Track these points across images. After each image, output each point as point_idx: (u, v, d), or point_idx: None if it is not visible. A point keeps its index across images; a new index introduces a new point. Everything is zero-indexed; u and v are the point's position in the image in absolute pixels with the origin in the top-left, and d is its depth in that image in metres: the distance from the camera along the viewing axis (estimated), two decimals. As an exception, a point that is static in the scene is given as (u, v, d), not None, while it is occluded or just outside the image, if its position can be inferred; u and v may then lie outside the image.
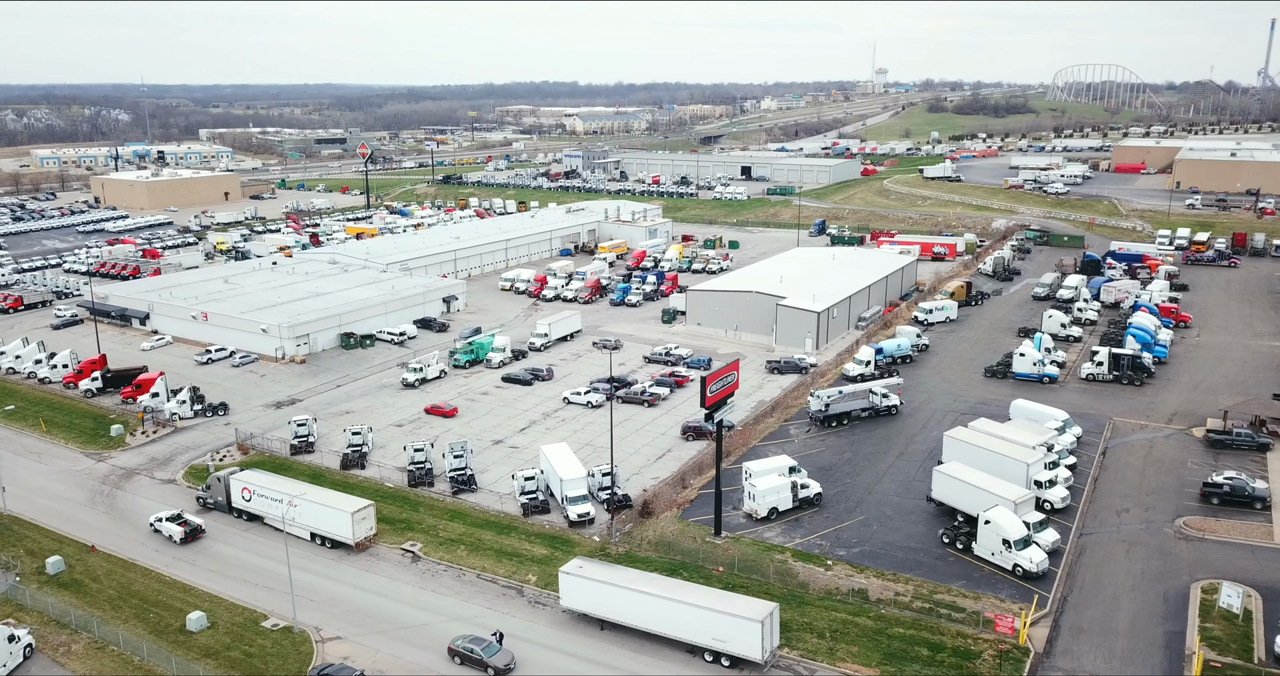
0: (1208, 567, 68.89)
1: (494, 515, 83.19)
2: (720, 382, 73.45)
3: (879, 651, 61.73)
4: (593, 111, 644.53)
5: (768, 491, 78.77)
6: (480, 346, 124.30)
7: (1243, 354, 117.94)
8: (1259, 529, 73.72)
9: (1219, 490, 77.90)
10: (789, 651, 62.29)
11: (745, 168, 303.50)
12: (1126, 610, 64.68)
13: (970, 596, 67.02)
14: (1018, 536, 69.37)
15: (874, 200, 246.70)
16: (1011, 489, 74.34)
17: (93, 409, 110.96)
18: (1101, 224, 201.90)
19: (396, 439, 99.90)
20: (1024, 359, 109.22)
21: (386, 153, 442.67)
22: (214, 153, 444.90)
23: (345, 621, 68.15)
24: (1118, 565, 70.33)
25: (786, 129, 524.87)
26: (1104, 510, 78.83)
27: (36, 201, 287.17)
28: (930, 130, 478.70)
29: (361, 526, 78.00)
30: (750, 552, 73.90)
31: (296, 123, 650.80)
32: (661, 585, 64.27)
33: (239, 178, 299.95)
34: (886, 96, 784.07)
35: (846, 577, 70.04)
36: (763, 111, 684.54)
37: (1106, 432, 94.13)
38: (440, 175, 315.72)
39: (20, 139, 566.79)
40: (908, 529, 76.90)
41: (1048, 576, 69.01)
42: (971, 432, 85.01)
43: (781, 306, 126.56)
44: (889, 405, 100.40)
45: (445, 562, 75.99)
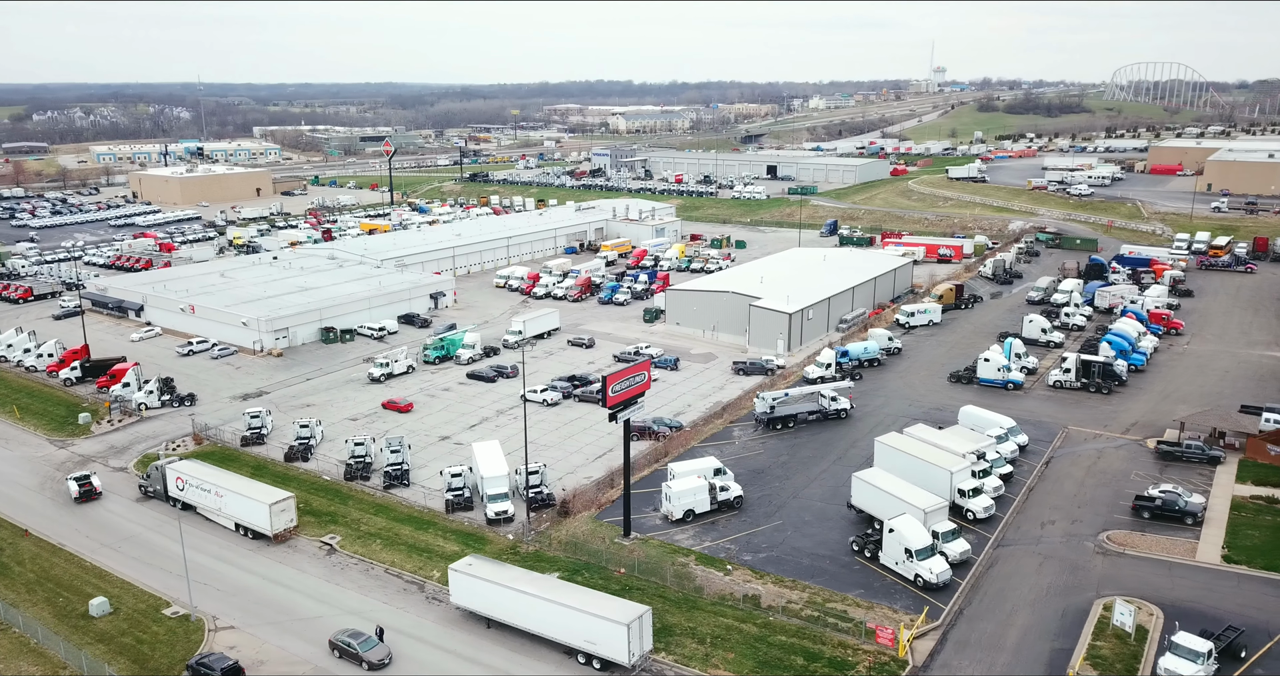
0: (1118, 584, 66.35)
1: (419, 510, 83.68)
2: (626, 382, 72.78)
3: (754, 659, 60.67)
4: (640, 110, 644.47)
5: (683, 493, 77.96)
6: (451, 343, 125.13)
7: (1228, 363, 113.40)
8: (1183, 545, 70.76)
9: (1150, 504, 74.98)
10: (665, 655, 61.55)
11: (771, 167, 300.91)
12: (1020, 625, 62.61)
13: (864, 606, 65.54)
14: (920, 546, 67.62)
15: (895, 201, 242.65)
16: (924, 497, 72.47)
17: (68, 397, 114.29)
18: (1121, 227, 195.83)
19: (349, 432, 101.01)
20: (988, 364, 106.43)
21: (427, 150, 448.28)
22: (262, 149, 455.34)
23: (244, 611, 69.10)
24: (1025, 578, 68.12)
25: (830, 128, 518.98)
26: (1029, 521, 76.42)
27: (80, 196, 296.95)
28: (978, 130, 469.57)
29: (280, 518, 79.02)
30: (655, 555, 73.21)
31: (349, 121, 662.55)
32: (542, 586, 63.98)
33: (270, 174, 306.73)
34: (938, 95, 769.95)
35: (743, 583, 68.97)
36: (809, 110, 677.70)
37: (1057, 442, 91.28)
38: (468, 173, 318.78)
39: (86, 136, 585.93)
40: (822, 535, 75.47)
41: (951, 587, 67.19)
42: (902, 439, 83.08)
43: (754, 307, 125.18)
44: (838, 409, 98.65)
45: (358, 556, 76.66)
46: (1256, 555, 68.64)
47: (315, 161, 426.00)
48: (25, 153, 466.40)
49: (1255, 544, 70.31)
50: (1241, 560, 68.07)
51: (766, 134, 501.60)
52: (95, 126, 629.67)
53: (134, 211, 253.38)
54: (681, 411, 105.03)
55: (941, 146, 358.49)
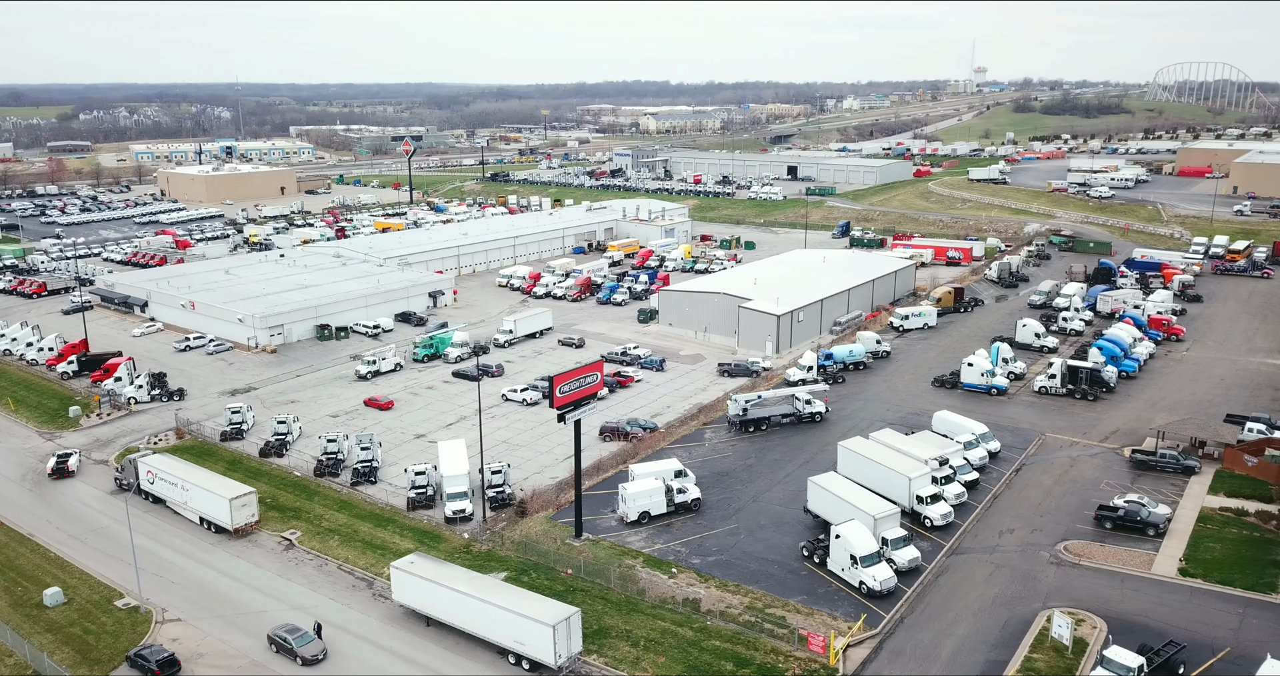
0: (1066, 595, 64.84)
1: (381, 507, 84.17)
2: (575, 383, 72.59)
3: (684, 663, 60.17)
4: (671, 110, 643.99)
5: (638, 495, 77.59)
6: (440, 341, 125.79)
7: (1225, 370, 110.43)
8: (1140, 557, 68.96)
9: (1113, 514, 73.21)
10: (597, 658, 61.27)
11: (792, 167, 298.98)
12: (959, 636, 61.41)
13: (805, 612, 64.72)
14: (865, 552, 66.62)
15: (913, 202, 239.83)
16: (875, 503, 71.41)
17: (63, 390, 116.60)
18: (1139, 230, 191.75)
19: (329, 429, 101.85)
20: (972, 369, 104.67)
21: (457, 150, 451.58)
22: (296, 148, 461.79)
23: (193, 604, 69.92)
24: (974, 588, 66.81)
25: (862, 129, 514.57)
26: (988, 529, 74.97)
27: (111, 193, 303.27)
28: (1012, 131, 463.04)
29: (241, 513, 79.89)
30: (603, 556, 72.92)
31: (384, 120, 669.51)
32: (477, 585, 63.94)
33: (295, 173, 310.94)
34: (975, 96, 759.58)
35: (686, 586, 68.43)
36: (842, 111, 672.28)
37: (1031, 449, 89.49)
38: (489, 173, 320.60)
39: (129, 135, 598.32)
40: (775, 540, 74.66)
41: (897, 595, 66.13)
42: (865, 444, 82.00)
43: (743, 309, 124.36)
44: (812, 412, 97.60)
45: (315, 552, 77.26)
46: (1214, 568, 66.70)
47: (346, 160, 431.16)
48: (69, 151, 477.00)
49: (1215, 557, 68.33)
50: (1198, 573, 66.19)
51: (796, 134, 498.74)
52: (139, 126, 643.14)
53: (159, 209, 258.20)
54: (660, 413, 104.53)
55: (969, 148, 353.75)
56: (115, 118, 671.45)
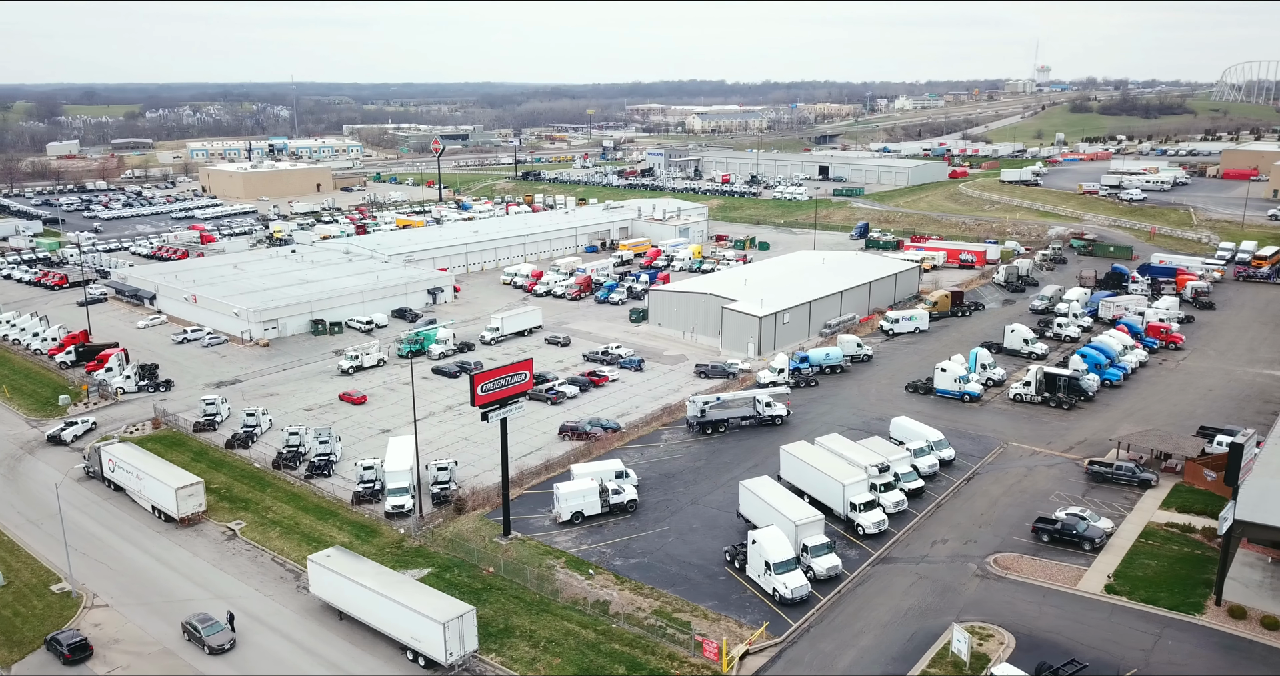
0: (982, 609, 62.90)
1: (328, 501, 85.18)
2: (500, 382, 72.47)
3: (577, 665, 59.76)
4: (720, 110, 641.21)
5: (571, 495, 77.30)
6: (427, 337, 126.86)
7: (1217, 381, 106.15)
8: (1069, 572, 66.58)
9: (1050, 527, 70.87)
10: (495, 657, 61.17)
11: (823, 167, 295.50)
12: (861, 647, 59.97)
13: (712, 618, 63.84)
14: (778, 559, 65.45)
15: (940, 203, 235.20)
16: (798, 509, 70.07)
17: (59, 379, 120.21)
18: (1166, 234, 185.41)
19: (301, 422, 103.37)
20: (945, 375, 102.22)
21: (502, 149, 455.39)
22: (345, 146, 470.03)
23: (125, 590, 71.46)
24: (890, 599, 65.19)
25: (910, 129, 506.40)
26: (922, 539, 73.11)
27: (156, 189, 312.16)
28: (1068, 131, 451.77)
29: (188, 503, 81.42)
30: (526, 556, 72.81)
31: (435, 119, 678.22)
32: (383, 580, 64.22)
33: (330, 171, 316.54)
34: (1033, 96, 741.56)
35: (601, 588, 67.95)
36: (892, 111, 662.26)
37: (988, 457, 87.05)
38: (521, 172, 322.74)
39: (191, 132, 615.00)
40: (702, 543, 73.74)
41: (810, 603, 64.86)
42: (806, 448, 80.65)
43: (726, 309, 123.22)
44: (773, 415, 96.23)
45: (253, 543, 78.45)
46: (1142, 586, 64.10)
47: (390, 159, 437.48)
48: (131, 148, 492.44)
49: (1146, 574, 65.67)
50: (1124, 591, 63.66)
51: (842, 134, 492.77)
52: (200, 124, 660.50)
53: (196, 205, 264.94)
54: (628, 413, 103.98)
55: (1012, 148, 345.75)
56: (179, 116, 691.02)
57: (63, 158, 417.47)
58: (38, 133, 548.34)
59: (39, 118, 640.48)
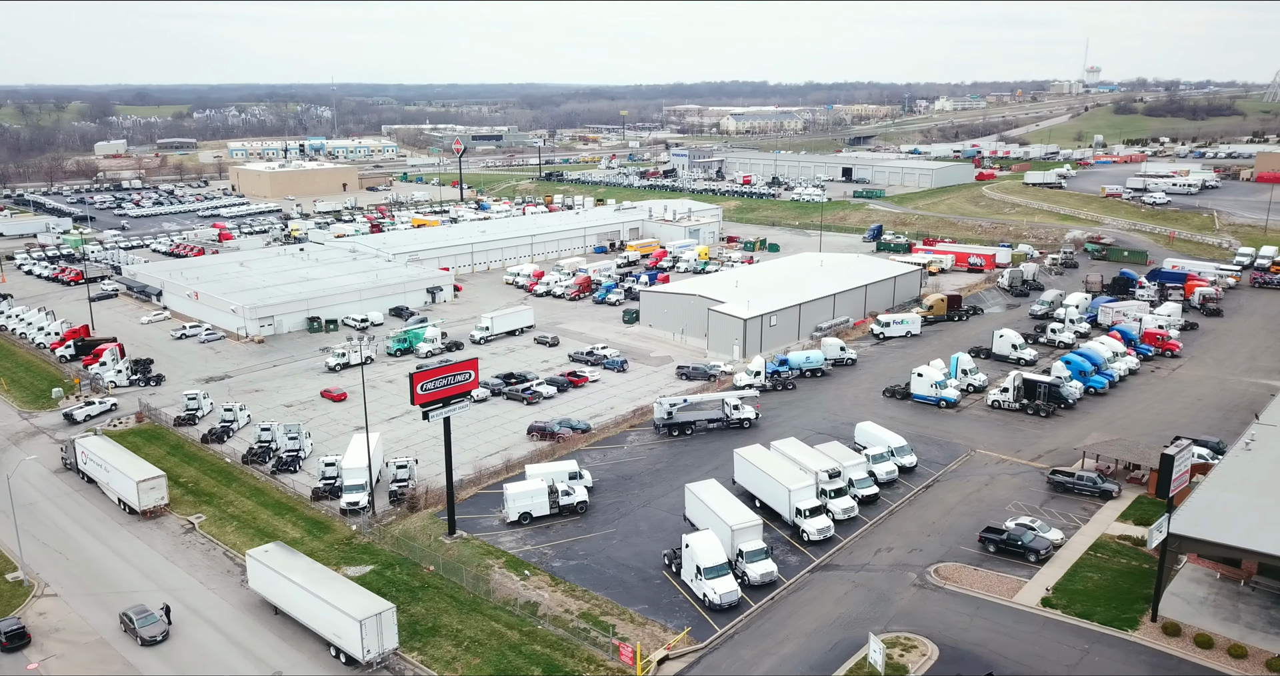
0: (912, 620, 61.60)
1: (289, 497, 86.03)
2: (441, 381, 72.61)
3: (496, 666, 59.64)
4: (756, 111, 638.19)
5: (518, 496, 77.23)
6: (414, 336, 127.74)
7: (1208, 390, 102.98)
8: (1008, 583, 64.94)
9: (996, 537, 69.22)
10: (417, 656, 61.29)
11: (847, 169, 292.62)
12: (781, 655, 59.04)
13: (639, 622, 63.35)
14: (709, 564, 64.78)
15: (960, 206, 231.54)
16: (736, 513, 69.22)
17: (57, 373, 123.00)
18: (1186, 239, 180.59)
19: (282, 418, 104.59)
20: (922, 380, 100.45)
21: (534, 149, 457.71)
22: (380, 146, 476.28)
23: (76, 580, 72.78)
24: (822, 607, 64.11)
25: (946, 131, 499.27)
26: (867, 546, 71.84)
27: (190, 188, 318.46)
28: (1109, 133, 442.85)
29: (149, 496, 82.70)
30: (467, 555, 72.87)
31: (473, 120, 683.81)
32: (313, 576, 64.58)
33: (357, 170, 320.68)
34: (1076, 97, 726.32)
35: (534, 589, 67.74)
36: (931, 112, 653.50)
37: (954, 464, 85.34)
38: (545, 173, 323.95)
39: (236, 132, 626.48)
40: (645, 546, 73.21)
41: (741, 608, 64.07)
42: (758, 452, 79.73)
43: (712, 311, 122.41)
44: (741, 418, 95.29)
45: (209, 537, 79.48)
46: (1080, 600, 62.31)
47: (423, 159, 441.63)
48: (175, 148, 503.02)
49: (1087, 587, 63.83)
50: (1061, 604, 61.91)
51: (876, 136, 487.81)
52: (245, 124, 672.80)
53: (223, 203, 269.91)
54: (602, 413, 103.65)
55: (1045, 150, 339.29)
56: (224, 116, 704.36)
57: (109, 157, 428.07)
58: (88, 132, 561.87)
59: (91, 118, 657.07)
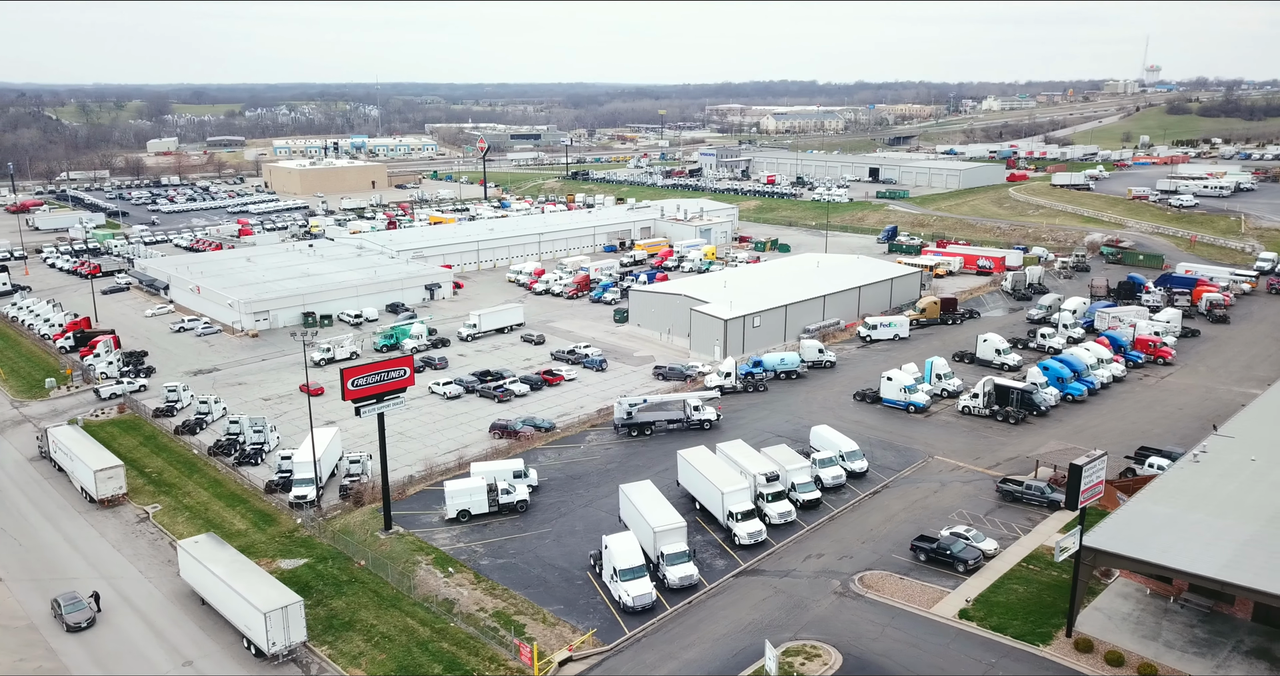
0: (823, 628, 60.31)
1: (246, 489, 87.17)
2: (373, 377, 72.93)
3: (399, 662, 59.77)
4: (799, 110, 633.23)
5: (457, 494, 77.35)
6: (401, 332, 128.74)
7: (1192, 399, 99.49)
8: (931, 594, 63.28)
9: (927, 546, 67.56)
10: (327, 649, 61.69)
11: (874, 169, 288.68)
12: (683, 660, 58.20)
13: (550, 622, 62.99)
14: (625, 566, 64.19)
15: (984, 208, 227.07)
16: (661, 516, 68.47)
17: (55, 364, 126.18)
18: (1208, 243, 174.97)
19: (259, 411, 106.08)
20: (891, 384, 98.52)
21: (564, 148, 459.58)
22: (420, 145, 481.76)
23: (24, 566, 74.51)
24: (737, 612, 63.09)
25: (990, 131, 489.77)
26: (798, 552, 70.59)
27: (227, 185, 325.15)
28: (1160, 133, 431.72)
29: (107, 485, 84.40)
30: (398, 551, 73.11)
31: (519, 119, 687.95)
32: (233, 568, 65.21)
33: (385, 168, 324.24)
34: (1130, 97, 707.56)
35: (455, 587, 67.71)
36: (976, 112, 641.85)
37: (908, 471, 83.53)
38: (571, 171, 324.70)
39: (285, 131, 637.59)
40: (577, 547, 72.76)
41: (655, 610, 63.39)
42: (699, 454, 78.85)
43: (694, 311, 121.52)
44: (701, 419, 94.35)
45: (159, 527, 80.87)
46: (999, 612, 60.48)
47: (458, 157, 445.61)
48: (224, 145, 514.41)
49: (1010, 600, 61.93)
50: (978, 617, 60.17)
51: (917, 136, 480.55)
52: (294, 122, 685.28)
53: (253, 200, 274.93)
54: (570, 412, 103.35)
55: (1084, 151, 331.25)
56: (275, 115, 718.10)
57: (160, 154, 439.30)
58: (143, 130, 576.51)
59: (148, 116, 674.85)
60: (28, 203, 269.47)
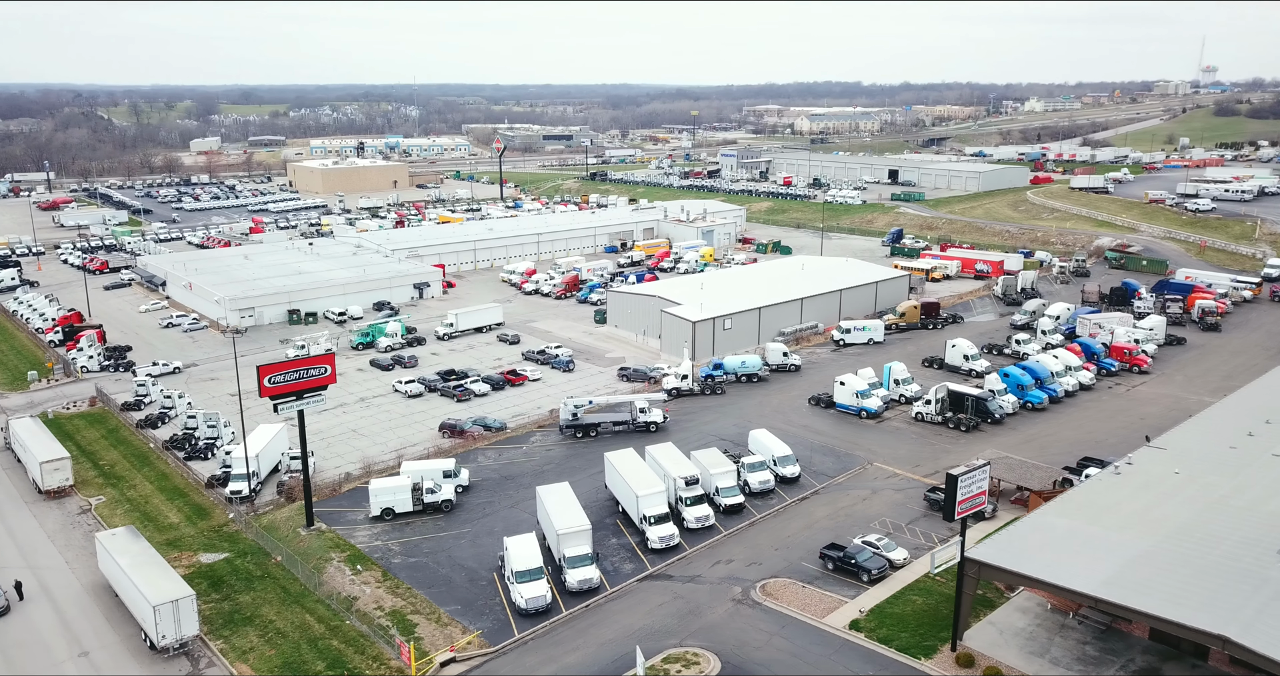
0: (710, 635, 59.38)
1: (190, 483, 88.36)
2: (293, 374, 73.35)
3: (284, 659, 60.08)
4: (841, 111, 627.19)
5: (381, 492, 77.63)
6: (378, 330, 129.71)
7: (1158, 410, 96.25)
8: (828, 603, 61.95)
9: (835, 554, 66.25)
10: (222, 644, 62.20)
11: (893, 171, 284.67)
12: (564, 664, 57.68)
13: (444, 623, 62.87)
14: (520, 568, 64.02)
15: (998, 211, 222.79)
16: (566, 519, 67.99)
17: (43, 357, 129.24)
18: (1219, 248, 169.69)
19: (226, 407, 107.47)
20: (844, 389, 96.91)
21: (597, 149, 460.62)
22: (453, 145, 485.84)
23: (-41, 555, 76.35)
24: (630, 617, 62.38)
25: (1029, 132, 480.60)
26: (711, 557, 69.64)
27: (255, 183, 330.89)
28: (1202, 135, 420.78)
29: (53, 476, 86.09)
30: (315, 547, 73.53)
31: (556, 119, 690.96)
32: (137, 561, 65.96)
33: (407, 168, 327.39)
34: (1178, 98, 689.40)
35: (359, 585, 67.90)
36: (1015, 114, 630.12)
37: (841, 477, 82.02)
38: (590, 172, 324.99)
39: (327, 131, 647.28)
40: (491, 547, 72.41)
41: (550, 613, 62.99)
42: (622, 456, 78.21)
43: (665, 313, 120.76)
44: (647, 421, 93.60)
45: (99, 518, 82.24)
46: (891, 624, 59.02)
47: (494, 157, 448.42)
48: (264, 145, 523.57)
49: (904, 611, 60.41)
50: (869, 627, 58.80)
51: (952, 137, 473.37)
52: (335, 122, 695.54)
53: (273, 199, 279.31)
54: (527, 413, 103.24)
55: (1114, 154, 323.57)
56: (318, 115, 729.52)
57: (201, 153, 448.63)
58: (188, 130, 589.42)
59: (196, 116, 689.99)
60: (59, 200, 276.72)
